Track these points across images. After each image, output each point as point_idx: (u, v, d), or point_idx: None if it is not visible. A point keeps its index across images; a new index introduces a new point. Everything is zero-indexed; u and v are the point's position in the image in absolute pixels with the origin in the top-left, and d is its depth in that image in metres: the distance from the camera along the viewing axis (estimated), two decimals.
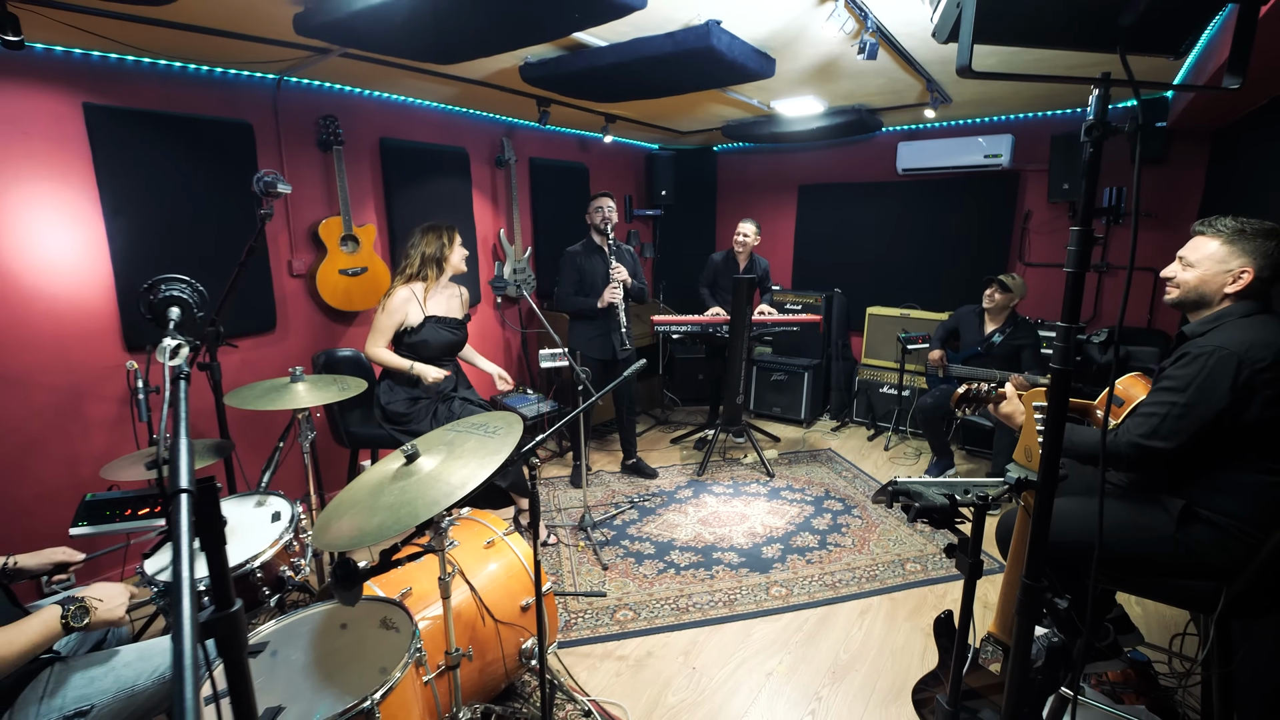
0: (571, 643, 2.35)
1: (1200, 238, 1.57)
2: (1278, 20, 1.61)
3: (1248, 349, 1.40)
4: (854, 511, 3.40)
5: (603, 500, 3.54)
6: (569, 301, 3.55)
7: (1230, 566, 1.47)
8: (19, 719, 1.20)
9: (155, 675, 1.34)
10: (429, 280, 2.73)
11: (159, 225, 2.71)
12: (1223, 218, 1.54)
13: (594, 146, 4.97)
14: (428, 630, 1.60)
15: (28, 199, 2.39)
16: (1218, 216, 1.56)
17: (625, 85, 2.82)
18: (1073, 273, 1.06)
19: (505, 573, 1.92)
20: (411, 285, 2.70)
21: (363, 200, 3.46)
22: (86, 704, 1.26)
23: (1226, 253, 1.51)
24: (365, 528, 1.22)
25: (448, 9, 1.74)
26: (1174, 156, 3.81)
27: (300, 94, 3.14)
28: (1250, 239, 1.48)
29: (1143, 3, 0.94)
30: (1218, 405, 1.41)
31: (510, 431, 1.44)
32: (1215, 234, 1.54)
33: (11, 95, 2.33)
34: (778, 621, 2.49)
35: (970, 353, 3.71)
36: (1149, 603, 2.55)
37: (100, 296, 2.61)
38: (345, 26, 1.90)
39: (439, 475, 1.34)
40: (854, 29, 2.24)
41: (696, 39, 2.23)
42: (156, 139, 2.67)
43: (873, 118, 4.07)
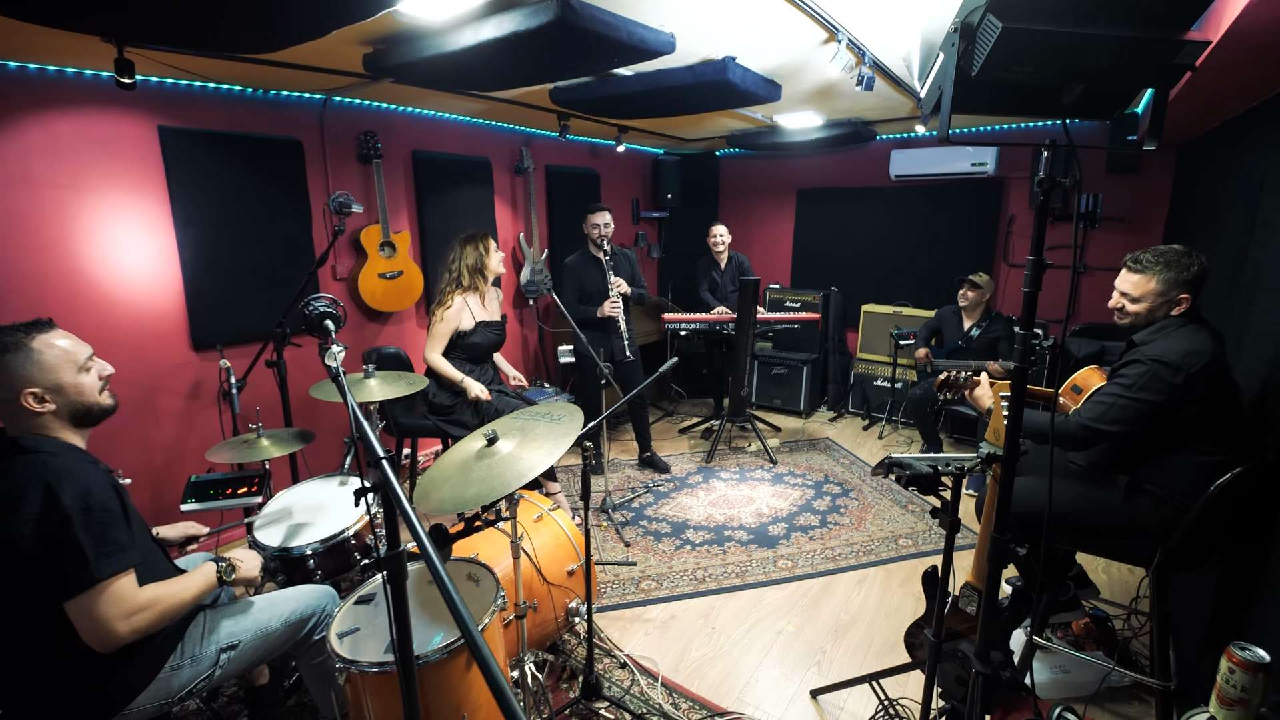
0: (604, 608, 2.65)
1: (1137, 275, 1.84)
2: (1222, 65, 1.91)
3: (1184, 356, 1.70)
4: (851, 494, 3.72)
5: (620, 486, 3.84)
6: (573, 310, 3.82)
7: (1165, 529, 1.78)
8: (188, 649, 1.48)
9: (282, 620, 1.63)
10: (479, 288, 3.01)
11: (221, 235, 2.97)
12: (1146, 253, 1.83)
13: (605, 153, 5.25)
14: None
15: (112, 213, 2.66)
16: (1143, 252, 1.84)
17: (645, 107, 3.10)
18: (1028, 291, 1.36)
19: (553, 543, 2.22)
20: (465, 295, 2.97)
21: (398, 208, 3.73)
22: (235, 640, 1.55)
23: (1167, 286, 1.79)
24: (464, 496, 1.51)
25: (504, 56, 2.01)
26: (1144, 166, 4.13)
27: (344, 112, 3.40)
28: (1178, 269, 1.77)
29: (1079, 89, 1.24)
30: (1157, 401, 1.71)
31: (573, 419, 1.73)
32: (1150, 271, 1.81)
33: (100, 121, 2.58)
34: (785, 589, 2.80)
35: (952, 347, 4.04)
36: (1113, 569, 2.88)
37: (172, 301, 2.87)
38: (410, 67, 2.17)
39: (517, 455, 1.63)
40: (853, 63, 2.53)
41: (714, 73, 2.51)
42: (220, 156, 2.93)
43: (867, 129, 4.37)
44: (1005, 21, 1.10)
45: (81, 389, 1.38)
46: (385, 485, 1.01)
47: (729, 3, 1.93)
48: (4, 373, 1.29)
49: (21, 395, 1.30)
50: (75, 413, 1.38)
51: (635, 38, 1.93)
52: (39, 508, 1.22)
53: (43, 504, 1.22)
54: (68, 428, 1.38)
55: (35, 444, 1.31)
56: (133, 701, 1.37)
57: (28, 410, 1.32)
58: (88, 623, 1.25)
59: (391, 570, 1.12)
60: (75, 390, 1.37)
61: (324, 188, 3.38)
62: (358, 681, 1.46)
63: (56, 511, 1.22)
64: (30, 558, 1.21)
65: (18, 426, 1.34)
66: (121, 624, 1.28)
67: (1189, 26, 1.18)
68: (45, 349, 1.34)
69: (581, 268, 3.78)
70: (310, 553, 1.85)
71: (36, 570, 1.22)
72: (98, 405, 1.42)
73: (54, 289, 2.53)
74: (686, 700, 2.14)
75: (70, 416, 1.38)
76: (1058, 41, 1.14)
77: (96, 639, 1.27)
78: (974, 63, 1.18)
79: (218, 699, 2.14)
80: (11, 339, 1.31)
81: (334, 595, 1.75)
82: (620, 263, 3.81)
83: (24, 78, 2.41)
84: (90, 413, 1.41)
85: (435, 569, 0.84)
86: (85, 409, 1.40)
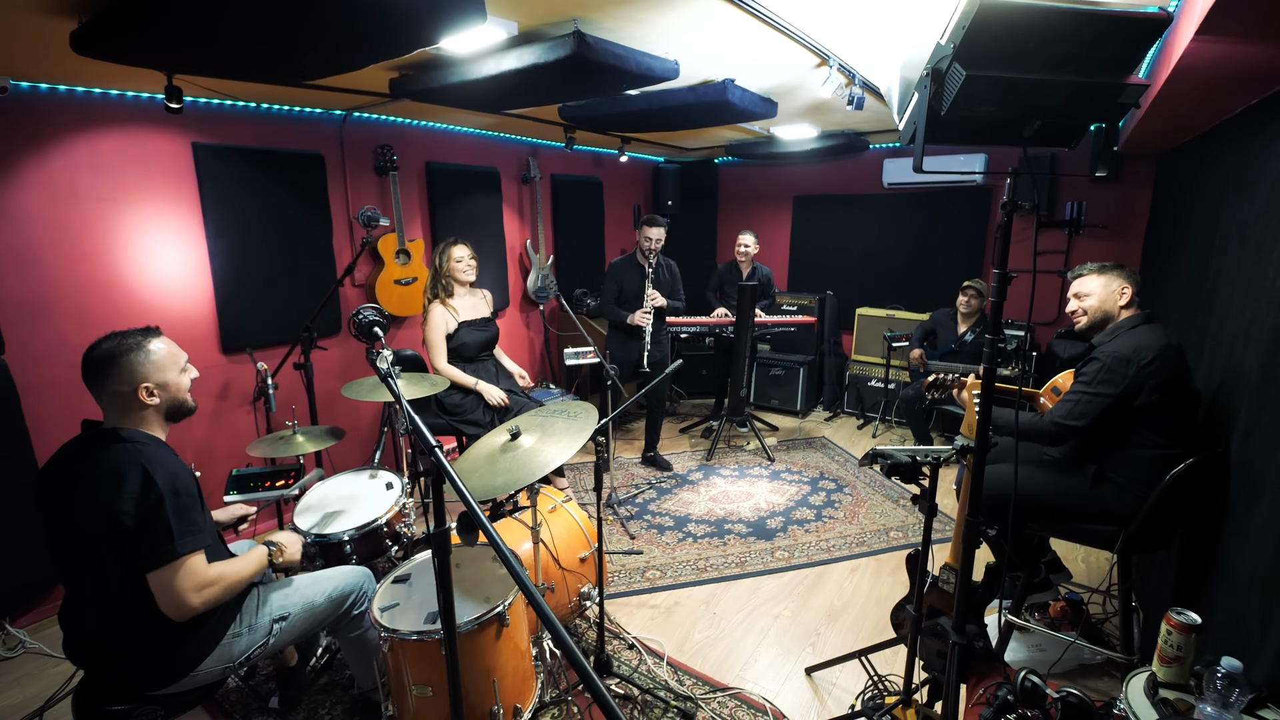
0: (612, 595, 2.82)
1: (1081, 280, 2.12)
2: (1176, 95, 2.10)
3: (1135, 350, 1.90)
4: (845, 490, 3.89)
5: (624, 482, 4.01)
6: (608, 310, 3.99)
7: (1127, 514, 1.96)
8: (245, 619, 1.65)
9: (326, 596, 1.80)
10: (450, 293, 3.15)
11: (249, 244, 3.15)
12: (1086, 264, 2.10)
13: (608, 162, 5.43)
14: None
15: (150, 225, 2.83)
16: (1083, 265, 2.12)
17: (650, 123, 3.29)
18: (995, 301, 1.53)
19: (567, 532, 2.39)
20: (440, 303, 3.13)
21: (412, 217, 3.91)
22: (286, 611, 1.72)
23: (1107, 280, 2.06)
24: (492, 484, 1.68)
25: (522, 84, 2.19)
26: (1126, 175, 4.31)
27: (362, 127, 3.58)
28: (1112, 269, 2.06)
29: (1036, 124, 1.42)
30: (1114, 393, 1.90)
31: (588, 417, 1.90)
32: (1091, 273, 2.10)
33: (141, 138, 2.76)
34: (782, 578, 2.98)
35: (946, 349, 4.21)
36: (1092, 558, 3.06)
37: (203, 307, 3.05)
38: (434, 92, 2.35)
39: (538, 449, 1.80)
40: (844, 84, 2.71)
41: (714, 93, 2.69)
42: (248, 170, 3.10)
43: (860, 139, 4.56)
44: (969, 70, 1.28)
45: (180, 387, 1.59)
46: (440, 469, 1.18)
47: (728, 34, 2.11)
48: (127, 368, 1.49)
49: (139, 389, 1.50)
50: (172, 409, 1.58)
51: (643, 67, 2.11)
52: (138, 488, 1.40)
53: (141, 485, 1.40)
54: (160, 422, 1.57)
55: (130, 434, 1.49)
56: (200, 664, 1.54)
57: (140, 402, 1.51)
58: (166, 593, 1.42)
59: (438, 545, 1.29)
60: (176, 388, 1.58)
61: (343, 198, 3.55)
62: (398, 650, 1.63)
63: (152, 492, 1.40)
64: (128, 532, 1.39)
65: (118, 419, 1.52)
66: (194, 596, 1.45)
67: (1130, 72, 1.36)
68: (157, 350, 1.54)
69: (625, 269, 3.95)
70: (347, 538, 2.02)
71: (130, 543, 1.40)
72: (187, 403, 1.63)
73: (97, 296, 2.71)
74: (690, 677, 2.31)
75: (167, 412, 1.57)
76: (1016, 86, 1.32)
77: (172, 608, 1.44)
78: (943, 103, 1.35)
79: (254, 677, 2.30)
80: (133, 340, 1.52)
81: (370, 575, 1.92)
82: (661, 275, 3.96)
83: (72, 100, 2.58)
84: (181, 409, 1.61)
85: (493, 540, 1.01)
86: (179, 405, 1.60)
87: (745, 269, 4.79)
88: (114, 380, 1.49)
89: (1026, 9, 1.25)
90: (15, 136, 2.45)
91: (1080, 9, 1.27)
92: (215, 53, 1.68)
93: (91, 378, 1.50)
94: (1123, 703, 1.38)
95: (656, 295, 3.86)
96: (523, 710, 1.77)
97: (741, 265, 4.78)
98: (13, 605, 2.54)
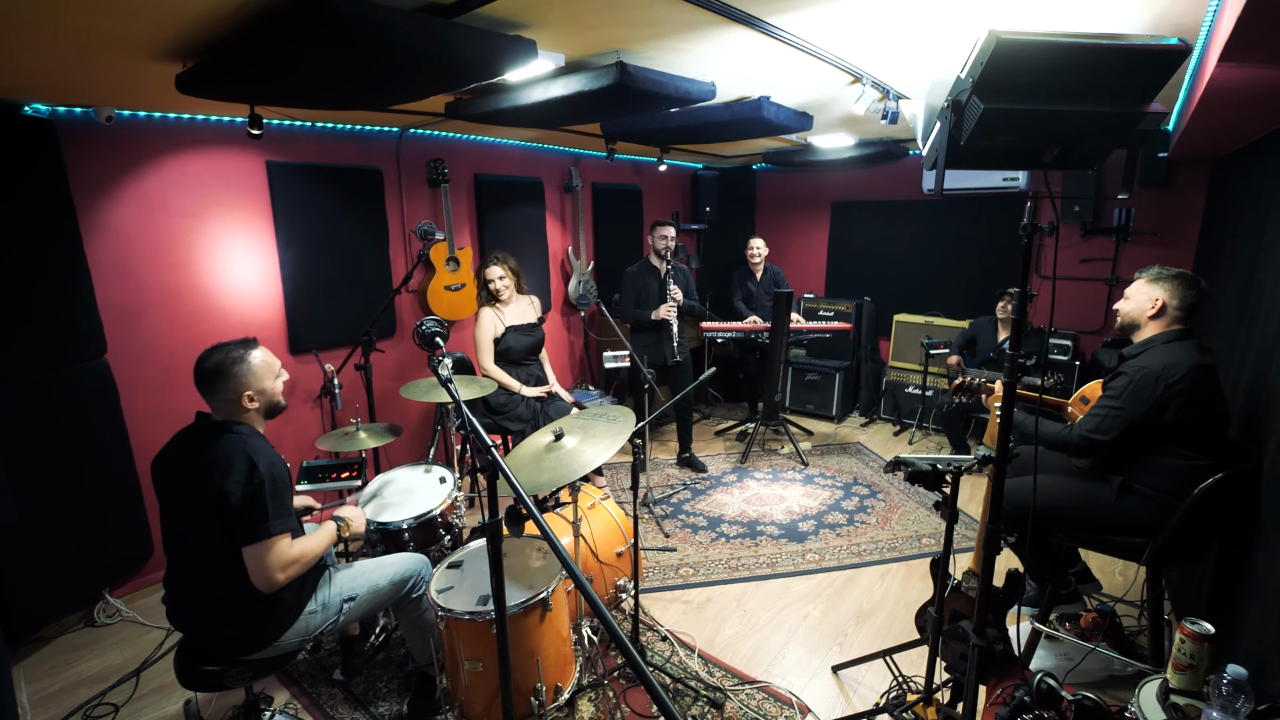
0: (646, 590, 2.96)
1: (1136, 281, 2.12)
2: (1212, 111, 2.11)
3: (1164, 368, 1.92)
4: (879, 496, 3.93)
5: (660, 483, 4.14)
6: (630, 313, 4.18)
7: (1154, 526, 1.98)
8: (319, 597, 1.85)
9: (388, 579, 1.99)
10: (496, 300, 3.38)
11: (314, 253, 3.40)
12: (1152, 267, 2.06)
13: (647, 170, 5.57)
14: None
15: (229, 237, 3.11)
16: (1151, 267, 2.09)
17: (687, 137, 3.41)
18: (1016, 319, 1.60)
19: (605, 527, 2.54)
20: (488, 307, 3.38)
21: (461, 226, 4.13)
22: (354, 592, 1.91)
23: (1148, 288, 2.07)
24: (539, 481, 1.84)
25: (567, 108, 2.34)
26: (1177, 181, 4.20)
27: (417, 142, 3.81)
28: (1164, 280, 2.04)
29: (1055, 150, 1.49)
30: (1142, 409, 1.93)
31: (626, 420, 2.04)
32: (1143, 278, 2.09)
33: (221, 158, 3.04)
34: (812, 580, 3.06)
35: (984, 358, 4.20)
36: (1129, 571, 3.03)
37: (274, 311, 3.32)
38: (486, 115, 2.53)
39: (580, 449, 1.95)
40: (877, 99, 2.77)
41: (750, 110, 2.79)
42: (314, 185, 3.36)
43: (899, 146, 4.57)
44: (986, 103, 1.36)
45: (275, 391, 1.81)
46: (496, 466, 1.33)
47: (761, 58, 2.22)
48: (233, 379, 1.71)
49: (242, 396, 1.72)
50: (269, 409, 1.81)
51: (681, 91, 2.24)
52: (245, 472, 1.61)
53: (247, 470, 1.62)
54: (260, 419, 1.80)
55: (237, 428, 1.72)
56: (283, 635, 1.74)
57: (243, 408, 1.73)
58: (258, 567, 1.63)
59: (491, 534, 1.45)
60: (273, 393, 1.80)
61: (399, 210, 3.79)
62: (453, 628, 1.80)
63: (256, 476, 1.61)
64: (233, 510, 1.60)
65: (226, 414, 1.74)
66: (280, 573, 1.65)
67: (1149, 100, 1.41)
68: (257, 360, 1.76)
69: (641, 276, 4.17)
70: (405, 527, 2.21)
71: (233, 520, 1.61)
72: (281, 404, 1.85)
73: (184, 303, 2.99)
74: (720, 670, 2.43)
75: (265, 412, 1.80)
76: (1033, 117, 1.39)
77: (261, 580, 1.64)
78: (963, 133, 1.43)
79: (319, 651, 2.53)
80: (237, 354, 1.73)
81: (427, 562, 2.11)
82: (677, 276, 4.16)
83: (165, 125, 2.86)
84: (276, 409, 1.84)
85: (544, 530, 1.16)
86: (275, 406, 1.82)
87: (758, 271, 4.97)
88: (223, 389, 1.71)
89: (1043, 45, 1.32)
90: (117, 160, 2.74)
91: (1098, 44, 1.33)
92: (304, 90, 1.88)
93: (203, 386, 1.72)
94: (1134, 706, 1.43)
95: (677, 290, 4.04)
96: (563, 690, 1.92)
97: (755, 268, 4.97)
98: (112, 578, 2.84)
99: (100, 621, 2.76)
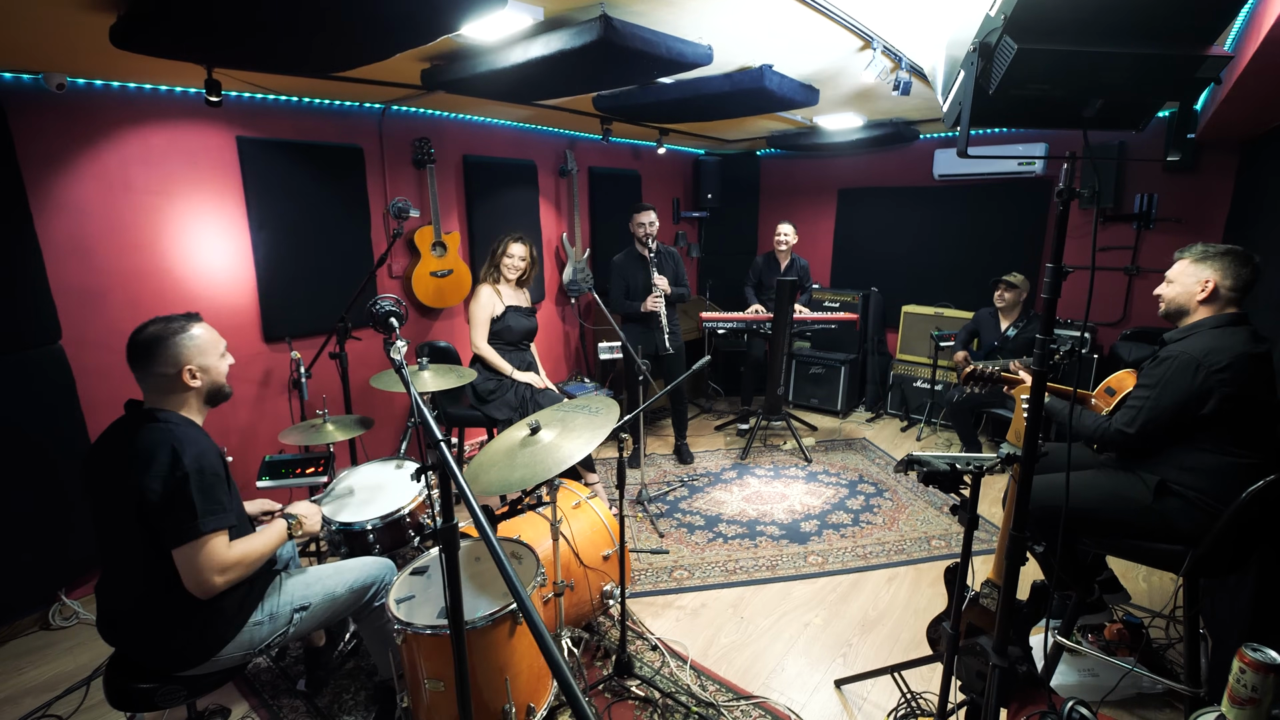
0: (637, 594, 2.78)
1: (1175, 265, 1.90)
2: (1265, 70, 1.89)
3: (1206, 354, 1.71)
4: (885, 494, 3.74)
5: (656, 479, 3.96)
6: (620, 304, 4.00)
7: (1195, 532, 1.78)
8: (267, 606, 1.68)
9: (346, 586, 1.81)
10: (499, 280, 3.28)
11: (290, 236, 3.22)
12: (1195, 245, 1.85)
13: (646, 155, 5.36)
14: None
15: (196, 217, 2.93)
16: (1193, 245, 1.87)
17: (685, 113, 3.20)
18: (1048, 299, 1.40)
19: (590, 528, 2.36)
20: (490, 285, 3.25)
21: (449, 210, 3.94)
22: (306, 601, 1.74)
23: (1195, 269, 1.84)
24: (510, 479, 1.65)
25: (550, 72, 2.14)
26: (1203, 165, 3.98)
27: (400, 120, 3.62)
28: (1213, 258, 1.81)
29: (1098, 103, 1.28)
30: (1180, 399, 1.73)
31: (609, 412, 1.85)
32: (1187, 258, 1.87)
33: (188, 133, 2.85)
34: (814, 584, 2.87)
35: (989, 349, 4.01)
36: (1154, 577, 2.83)
37: (246, 296, 3.14)
38: (464, 82, 2.33)
39: (558, 444, 1.76)
40: (889, 68, 2.56)
41: (751, 81, 2.59)
42: (289, 163, 3.17)
43: (909, 129, 4.35)
44: (1021, 43, 1.16)
45: (220, 371, 1.65)
46: (444, 465, 1.15)
47: (764, 16, 2.02)
48: (172, 350, 1.54)
49: (183, 370, 1.55)
50: (211, 392, 1.64)
51: (674, 52, 2.04)
52: (166, 466, 1.44)
53: (169, 463, 1.44)
54: (199, 406, 1.62)
55: (165, 415, 1.54)
56: (223, 649, 1.57)
57: (183, 384, 1.56)
58: (190, 570, 1.45)
59: (446, 541, 1.26)
60: (216, 371, 1.63)
61: (382, 191, 3.60)
62: (413, 642, 1.62)
63: (179, 469, 1.44)
64: (154, 509, 1.43)
65: (159, 400, 1.57)
66: (217, 576, 1.48)
67: (1210, 42, 1.21)
68: (200, 334, 1.60)
69: (627, 265, 3.96)
70: (370, 528, 2.03)
71: (157, 520, 1.44)
72: (225, 388, 1.68)
73: (147, 285, 2.81)
74: (714, 683, 2.25)
75: (207, 395, 1.63)
76: (1074, 60, 1.19)
77: (196, 585, 1.47)
78: (991, 81, 1.24)
79: (284, 658, 2.36)
80: (178, 324, 1.57)
81: (392, 567, 1.93)
82: (665, 262, 3.95)
83: (125, 95, 2.68)
84: (220, 393, 1.66)
85: (489, 540, 0.97)
86: (218, 389, 1.65)
87: (784, 260, 4.66)
88: (159, 362, 1.54)
89: None
90: (72, 131, 2.56)
91: None
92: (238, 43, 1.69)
93: (137, 360, 1.55)
94: None
95: (663, 281, 3.83)
96: (536, 710, 1.74)
97: (780, 257, 4.66)
98: (69, 578, 2.67)
99: (55, 624, 2.59)
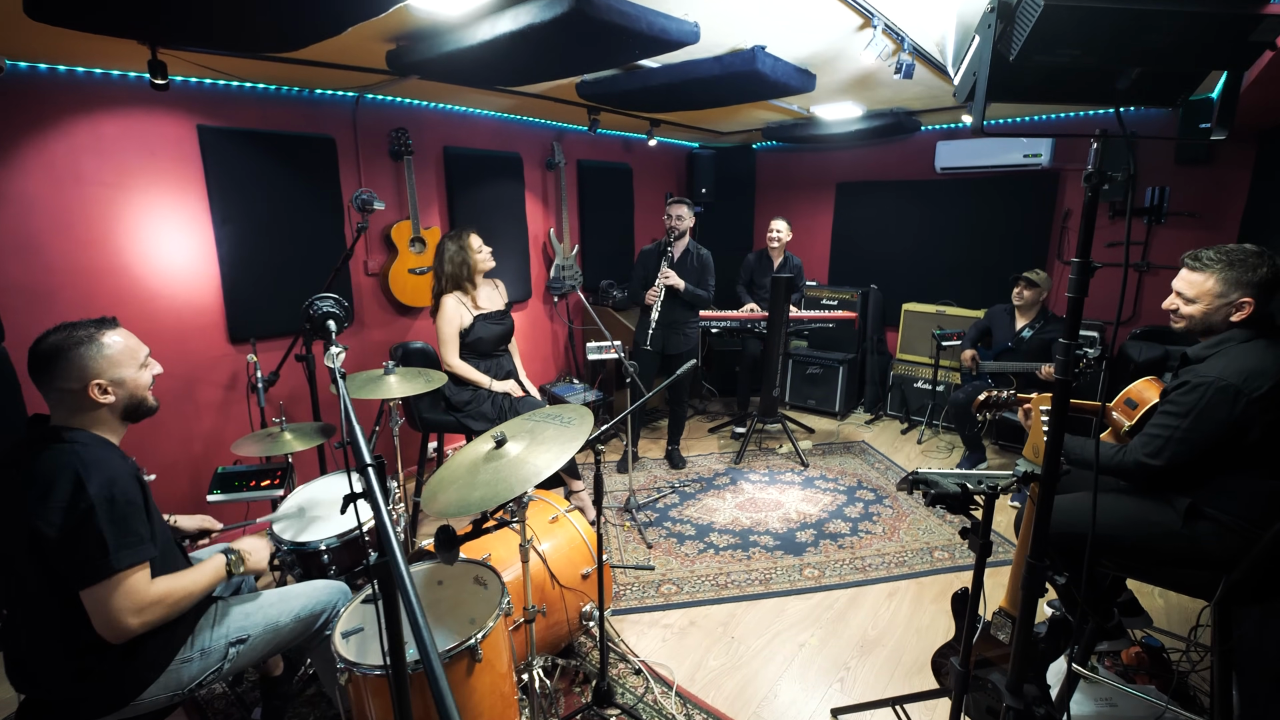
0: (621, 611, 2.61)
1: (1194, 274, 1.68)
2: None
3: (1245, 379, 1.53)
4: (885, 501, 3.57)
5: (646, 485, 3.79)
6: (636, 294, 3.87)
7: (1228, 558, 1.62)
8: (198, 641, 1.51)
9: (292, 615, 1.64)
10: (467, 286, 2.97)
11: (257, 231, 3.04)
12: (1207, 251, 1.66)
13: (637, 147, 5.18)
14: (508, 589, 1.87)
15: (155, 210, 2.75)
16: (1203, 250, 1.67)
17: (674, 100, 3.03)
18: (1073, 297, 1.23)
19: (568, 545, 2.19)
20: (455, 295, 2.94)
21: (428, 204, 3.76)
22: (244, 634, 1.56)
23: (1227, 287, 1.62)
24: (469, 499, 1.49)
25: (522, 50, 1.97)
26: (1217, 156, 3.81)
27: (376, 109, 3.44)
28: (1242, 270, 1.60)
29: (1135, 73, 1.11)
30: (1216, 433, 1.54)
31: (583, 421, 1.68)
32: (1209, 269, 1.64)
33: (143, 121, 2.67)
34: (810, 600, 2.71)
35: (1001, 348, 3.82)
36: (1171, 596, 2.67)
37: (210, 295, 2.96)
38: (431, 63, 2.16)
39: (525, 458, 1.59)
40: (890, 49, 2.39)
41: (743, 63, 2.41)
42: (256, 154, 2.99)
43: (910, 119, 4.17)
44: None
45: (139, 384, 1.46)
46: (369, 496, 0.98)
47: None
48: (76, 363, 1.36)
49: (90, 386, 1.37)
50: (129, 407, 1.45)
51: (656, 28, 1.86)
52: (67, 496, 1.26)
53: (71, 492, 1.26)
54: (115, 422, 1.44)
55: (72, 435, 1.35)
56: (143, 693, 1.40)
57: (91, 400, 1.38)
58: (101, 612, 1.28)
59: (382, 578, 1.09)
60: (134, 385, 1.45)
61: (356, 184, 3.42)
62: (360, 683, 1.45)
63: (82, 500, 1.26)
64: (54, 544, 1.25)
65: (66, 418, 1.39)
66: (133, 617, 1.30)
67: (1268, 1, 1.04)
68: (113, 344, 1.41)
69: (649, 255, 3.85)
70: (325, 548, 1.86)
71: (59, 557, 1.26)
72: (147, 402, 1.49)
73: (101, 284, 2.64)
74: (701, 711, 2.08)
75: (124, 411, 1.45)
76: (1110, 20, 1.02)
77: (108, 629, 1.29)
78: (1012, 46, 1.06)
79: (241, 684, 2.19)
80: (84, 333, 1.39)
81: (346, 591, 1.76)
82: (689, 261, 3.79)
83: (72, 81, 2.50)
84: (140, 408, 1.48)
85: (405, 589, 0.80)
86: (138, 404, 1.47)
87: (776, 258, 4.50)
88: (61, 377, 1.36)
89: None
90: (14, 119, 2.38)
91: None
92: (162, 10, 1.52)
93: (37, 373, 1.37)
94: None
95: (670, 274, 3.65)
96: None
97: (773, 254, 4.50)
98: None
99: None
